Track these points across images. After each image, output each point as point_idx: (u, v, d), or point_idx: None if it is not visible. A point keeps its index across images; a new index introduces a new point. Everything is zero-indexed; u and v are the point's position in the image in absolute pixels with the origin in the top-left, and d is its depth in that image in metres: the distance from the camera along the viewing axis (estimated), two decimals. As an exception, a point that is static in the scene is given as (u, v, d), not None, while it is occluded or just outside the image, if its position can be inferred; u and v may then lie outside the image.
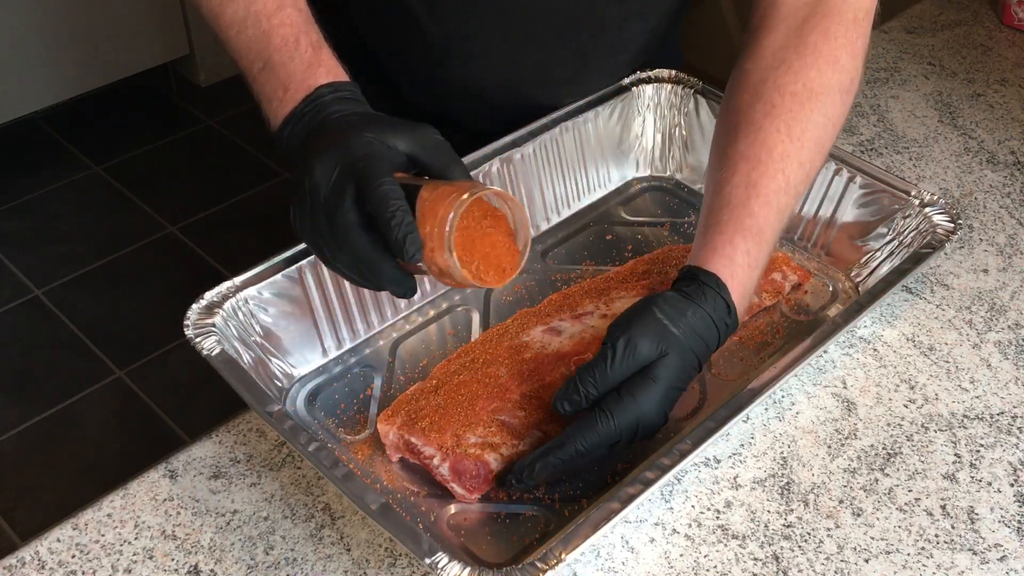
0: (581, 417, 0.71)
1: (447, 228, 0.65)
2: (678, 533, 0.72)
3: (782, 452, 0.78)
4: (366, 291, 0.86)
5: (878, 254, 0.91)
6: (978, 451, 0.78)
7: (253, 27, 0.76)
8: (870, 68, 1.23)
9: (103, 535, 0.72)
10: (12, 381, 2.03)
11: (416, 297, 0.89)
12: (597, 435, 0.70)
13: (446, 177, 0.70)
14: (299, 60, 0.75)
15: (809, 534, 0.72)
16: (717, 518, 0.73)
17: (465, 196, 0.65)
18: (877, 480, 0.76)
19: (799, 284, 0.90)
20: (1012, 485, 0.76)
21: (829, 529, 0.73)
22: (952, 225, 0.88)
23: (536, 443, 0.75)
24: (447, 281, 0.68)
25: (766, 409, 0.81)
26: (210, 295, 0.79)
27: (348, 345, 0.85)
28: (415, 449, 0.73)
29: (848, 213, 0.94)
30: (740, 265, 0.76)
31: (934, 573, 0.70)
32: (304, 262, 0.82)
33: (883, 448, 0.78)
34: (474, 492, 0.72)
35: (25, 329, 2.14)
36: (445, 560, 0.62)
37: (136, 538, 0.72)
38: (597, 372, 0.70)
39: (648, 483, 0.67)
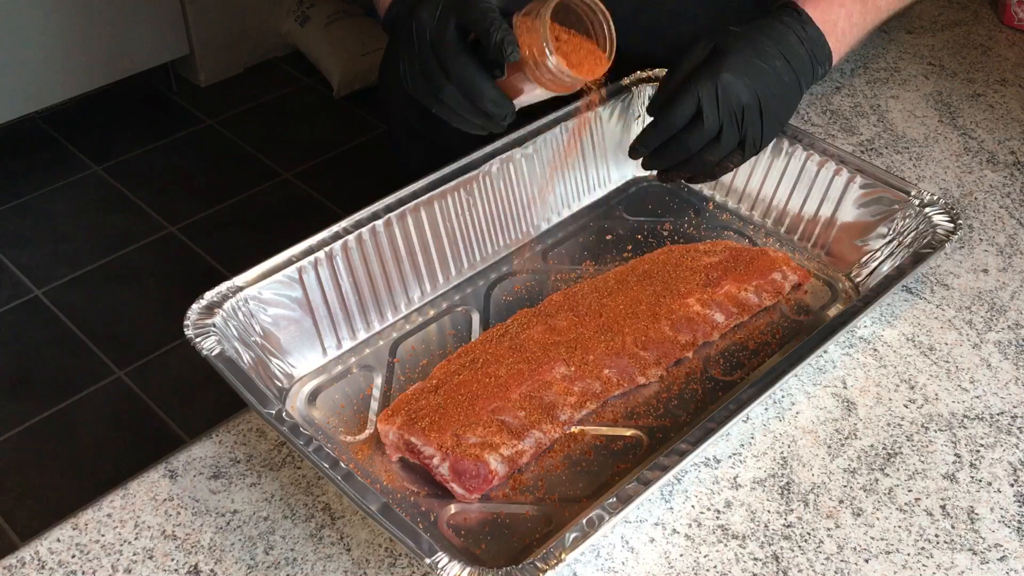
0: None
1: (540, 23, 0.72)
2: (678, 533, 0.72)
3: (782, 452, 0.78)
4: (366, 290, 0.86)
5: (878, 254, 0.91)
6: (978, 451, 0.78)
7: None
8: (870, 68, 1.23)
9: (103, 535, 0.72)
10: (12, 381, 2.03)
11: (416, 297, 0.89)
12: (672, 98, 0.83)
13: None
14: None
15: (809, 534, 0.72)
16: (717, 518, 0.73)
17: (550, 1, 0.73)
18: (877, 480, 0.76)
19: (799, 284, 0.90)
20: (1012, 485, 0.76)
21: (829, 529, 0.73)
22: (952, 225, 0.88)
23: (536, 443, 0.75)
24: (548, 83, 0.75)
25: (766, 409, 0.81)
26: (210, 295, 0.79)
27: (348, 345, 0.85)
28: (415, 449, 0.73)
29: (848, 213, 0.94)
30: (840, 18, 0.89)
31: (934, 573, 0.70)
32: (304, 262, 0.82)
33: (883, 448, 0.78)
34: (474, 492, 0.72)
35: (25, 329, 2.14)
36: (445, 560, 0.62)
37: (136, 538, 0.72)
38: (663, 80, 0.86)
39: (648, 483, 0.67)
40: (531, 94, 0.79)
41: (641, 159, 0.90)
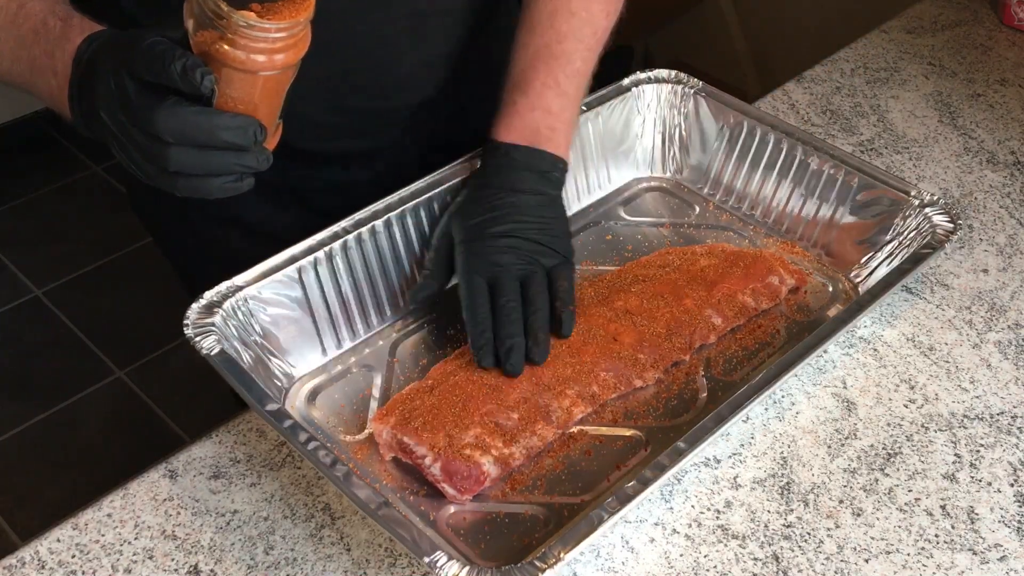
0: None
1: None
2: (678, 533, 0.72)
3: (782, 452, 0.78)
4: (366, 290, 0.86)
5: (878, 254, 0.91)
6: (978, 451, 0.78)
7: (4, 40, 0.73)
8: (870, 68, 1.23)
9: (103, 535, 0.72)
10: (12, 381, 2.03)
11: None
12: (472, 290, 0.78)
13: None
14: (53, 40, 0.70)
15: (809, 534, 0.72)
16: (717, 518, 0.73)
17: None
18: (877, 480, 0.76)
19: (796, 288, 0.90)
20: (1012, 485, 0.76)
21: (829, 529, 0.73)
22: (952, 225, 0.88)
23: (530, 446, 0.75)
24: (259, 58, 0.60)
25: (766, 409, 0.81)
26: (210, 295, 0.79)
27: (348, 345, 0.85)
28: (407, 449, 0.73)
29: (848, 213, 0.94)
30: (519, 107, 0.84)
31: (934, 573, 0.70)
32: (304, 261, 0.82)
33: (883, 448, 0.78)
34: (465, 493, 0.72)
35: (25, 329, 2.14)
36: (444, 560, 0.62)
37: (136, 538, 0.72)
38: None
39: (647, 483, 0.67)
40: (263, 90, 0.62)
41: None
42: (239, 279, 0.80)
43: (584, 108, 0.98)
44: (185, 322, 0.77)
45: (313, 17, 0.62)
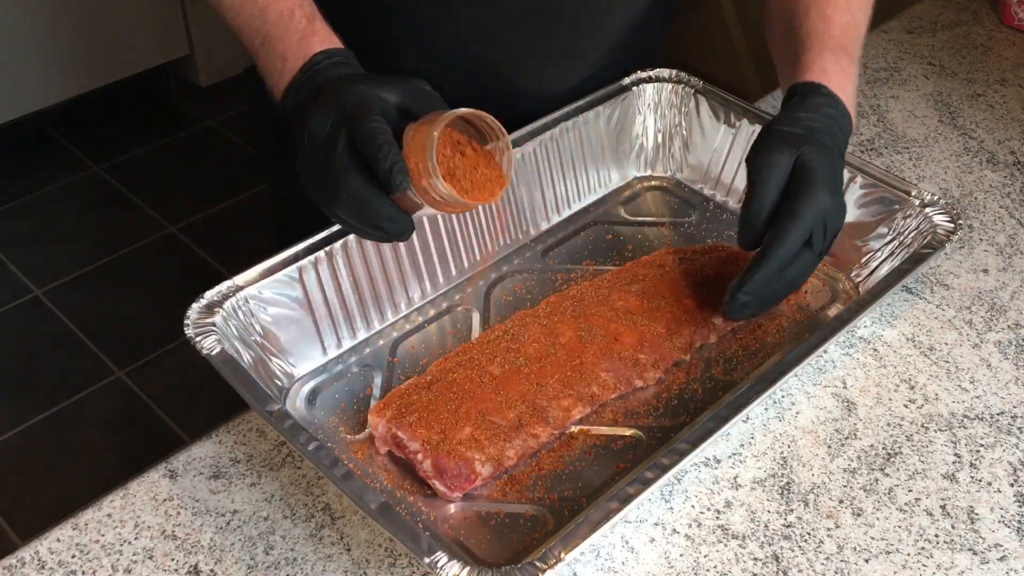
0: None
1: (428, 145, 0.68)
2: (678, 533, 0.72)
3: (782, 452, 0.78)
4: (366, 290, 0.86)
5: (878, 254, 0.91)
6: (978, 451, 0.78)
7: (250, 5, 0.82)
8: (870, 68, 1.23)
9: (103, 535, 0.72)
10: (12, 381, 2.03)
11: (416, 296, 0.89)
12: (788, 233, 0.74)
13: None
14: (294, 31, 0.79)
15: (809, 534, 0.72)
16: (717, 518, 0.73)
17: (444, 115, 0.70)
18: (877, 480, 0.76)
19: (798, 287, 0.90)
20: (1012, 485, 0.76)
21: (829, 529, 0.73)
22: (952, 225, 0.88)
23: (525, 446, 0.74)
24: (442, 206, 0.72)
25: (766, 409, 0.81)
26: (210, 294, 0.79)
27: (348, 344, 0.85)
28: (401, 443, 0.73)
29: (848, 213, 0.93)
30: (834, 72, 0.83)
31: (934, 573, 0.70)
32: (305, 261, 0.82)
33: (883, 448, 0.78)
34: (455, 491, 0.72)
35: (25, 329, 2.14)
36: (444, 559, 0.62)
37: (136, 538, 0.72)
38: (754, 201, 0.76)
39: (647, 483, 0.67)
40: (428, 210, 0.74)
41: (731, 309, 0.79)
42: (239, 279, 0.80)
43: (584, 107, 0.98)
44: (185, 322, 0.77)
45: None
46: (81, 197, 2.48)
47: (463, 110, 0.71)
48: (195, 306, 0.78)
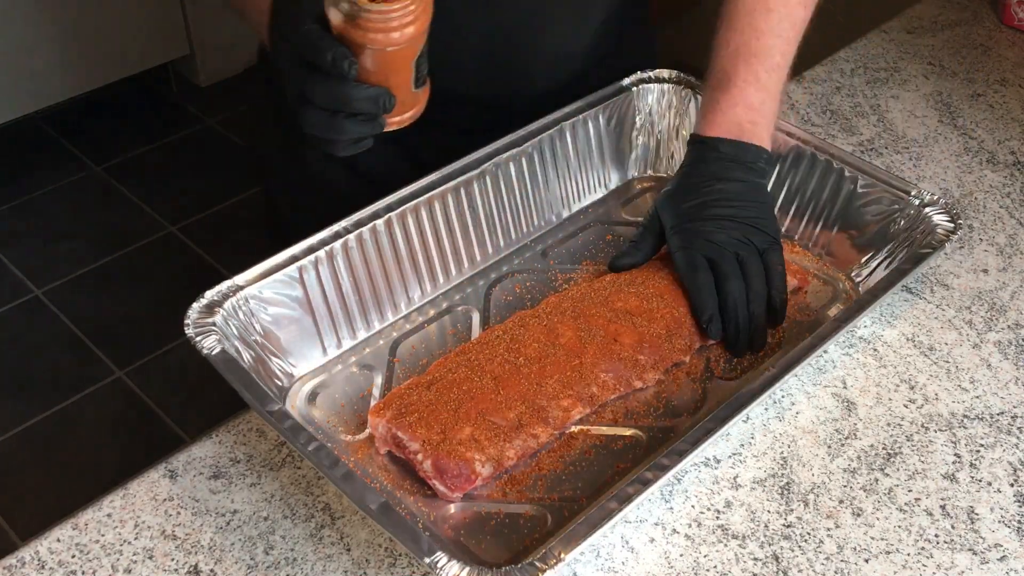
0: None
1: None
2: (678, 533, 0.72)
3: (782, 452, 0.78)
4: (366, 290, 0.86)
5: (878, 254, 0.91)
6: (978, 451, 0.78)
7: None
8: (870, 68, 1.23)
9: (103, 535, 0.72)
10: (12, 381, 2.03)
11: (416, 296, 0.89)
12: (696, 260, 0.82)
13: None
14: None
15: (809, 534, 0.72)
16: (717, 518, 0.73)
17: None
18: (877, 480, 0.76)
19: (799, 288, 0.90)
20: (1012, 485, 0.76)
21: (829, 529, 0.73)
22: (952, 225, 0.88)
23: (525, 446, 0.74)
24: (377, 34, 0.68)
25: (766, 409, 0.81)
26: (210, 294, 0.79)
27: (348, 344, 0.85)
28: (401, 443, 0.73)
29: (848, 213, 0.94)
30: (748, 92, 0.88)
31: (934, 573, 0.70)
32: (305, 261, 0.82)
33: (883, 448, 0.78)
34: (455, 491, 0.72)
35: (25, 329, 2.14)
36: (444, 560, 0.62)
37: (136, 538, 0.72)
38: (695, 306, 0.83)
39: (647, 483, 0.67)
40: (392, 62, 0.70)
41: (713, 334, 0.84)
42: (239, 278, 0.80)
43: (583, 107, 0.98)
44: (186, 321, 0.77)
45: None
46: (81, 197, 2.48)
47: None
48: (195, 306, 0.78)
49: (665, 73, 1.03)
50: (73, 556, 0.71)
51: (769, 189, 0.90)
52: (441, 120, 0.86)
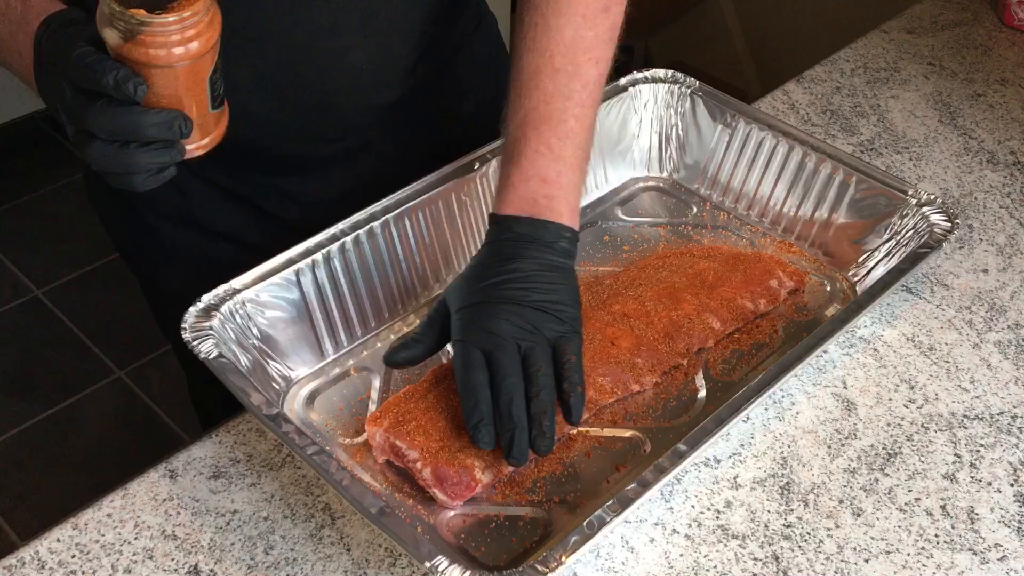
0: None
1: (106, 9, 0.60)
2: (678, 533, 0.72)
3: (782, 452, 0.78)
4: (364, 292, 0.85)
5: (876, 253, 0.91)
6: (978, 451, 0.78)
7: None
8: (870, 68, 1.23)
9: (103, 535, 0.72)
10: (12, 381, 2.03)
11: (413, 298, 0.89)
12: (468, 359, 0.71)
13: None
14: (15, 21, 0.71)
15: (809, 534, 0.72)
16: (717, 518, 0.73)
17: None
18: (877, 480, 0.76)
19: (796, 289, 0.90)
20: (1012, 485, 0.76)
21: (829, 529, 0.73)
22: (949, 224, 0.88)
23: None
24: (162, 51, 0.61)
25: (766, 409, 0.81)
26: (207, 298, 0.78)
27: (346, 347, 0.85)
28: (399, 452, 0.73)
29: (845, 213, 0.94)
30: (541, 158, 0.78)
31: (934, 573, 0.70)
32: (302, 264, 0.82)
33: (883, 448, 0.78)
34: (456, 499, 0.71)
35: (25, 329, 2.14)
36: (445, 564, 0.62)
37: (136, 538, 0.72)
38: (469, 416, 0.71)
39: (648, 485, 0.67)
40: (182, 81, 0.63)
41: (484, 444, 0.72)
42: (236, 282, 0.80)
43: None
44: (183, 326, 0.76)
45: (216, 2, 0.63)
46: (81, 197, 2.46)
47: None
48: (192, 310, 0.78)
49: (661, 73, 1.03)
50: (73, 556, 0.71)
51: (575, 269, 0.78)
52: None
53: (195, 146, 0.66)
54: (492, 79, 1.00)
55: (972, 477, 0.77)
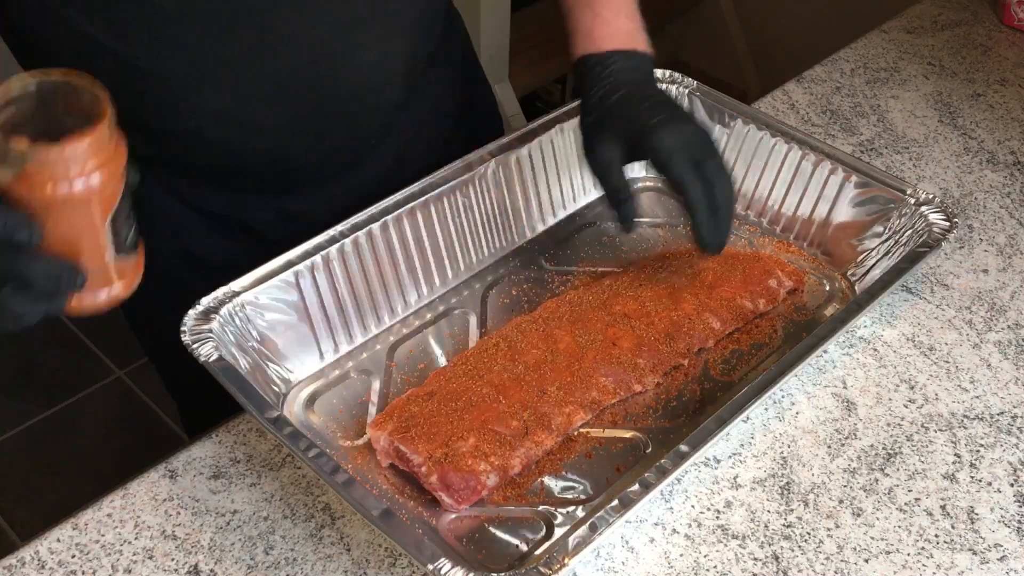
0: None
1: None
2: (678, 533, 0.72)
3: (782, 452, 0.78)
4: (363, 294, 0.85)
5: (874, 253, 0.91)
6: (978, 451, 0.78)
7: None
8: (870, 68, 1.23)
9: (103, 535, 0.72)
10: (12, 381, 2.03)
11: (412, 300, 0.89)
12: (683, 178, 0.80)
13: None
14: None
15: (809, 534, 0.72)
16: (717, 518, 0.73)
17: None
18: (877, 480, 0.76)
19: (795, 288, 0.90)
20: (1012, 485, 0.76)
21: (829, 529, 0.73)
22: (948, 224, 0.88)
23: (528, 453, 0.74)
24: (59, 189, 0.53)
25: (766, 409, 0.81)
26: (207, 300, 0.78)
27: (345, 349, 0.85)
28: (404, 456, 0.73)
29: (844, 212, 0.94)
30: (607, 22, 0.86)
31: (934, 573, 0.70)
32: (301, 266, 0.82)
33: (883, 448, 0.78)
34: (462, 503, 0.71)
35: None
36: (447, 566, 0.62)
37: (136, 538, 0.72)
38: (608, 187, 0.83)
39: (649, 486, 0.67)
40: (82, 219, 0.56)
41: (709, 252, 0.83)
42: (235, 284, 0.79)
43: (580, 108, 0.98)
44: (182, 328, 0.76)
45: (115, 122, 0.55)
46: (81, 197, 2.48)
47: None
48: (192, 312, 0.77)
49: (659, 73, 1.02)
50: (73, 556, 0.71)
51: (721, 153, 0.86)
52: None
53: (87, 299, 0.58)
54: (470, 77, 1.03)
55: (972, 477, 0.77)
